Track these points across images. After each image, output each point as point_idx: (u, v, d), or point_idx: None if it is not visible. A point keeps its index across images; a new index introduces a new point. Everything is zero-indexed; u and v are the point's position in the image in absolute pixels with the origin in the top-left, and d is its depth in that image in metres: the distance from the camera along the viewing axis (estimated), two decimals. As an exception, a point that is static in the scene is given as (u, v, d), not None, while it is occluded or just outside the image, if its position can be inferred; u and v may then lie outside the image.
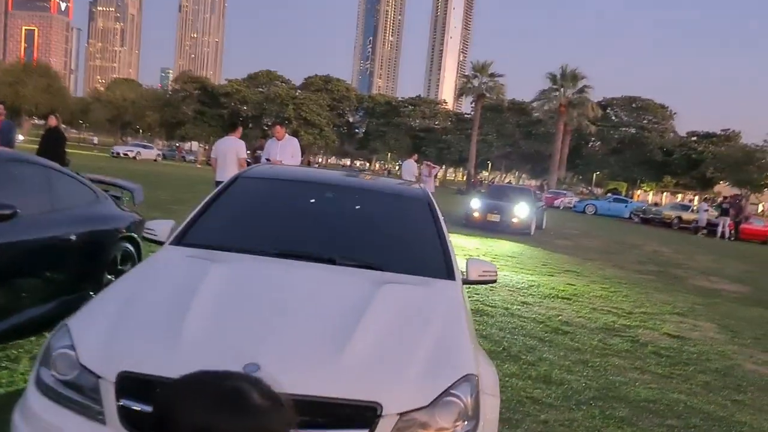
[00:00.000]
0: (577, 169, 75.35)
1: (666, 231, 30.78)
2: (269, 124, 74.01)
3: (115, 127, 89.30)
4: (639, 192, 78.76)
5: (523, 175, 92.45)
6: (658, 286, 11.14)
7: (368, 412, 2.17)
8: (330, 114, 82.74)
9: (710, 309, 9.34)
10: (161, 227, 3.55)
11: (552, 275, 10.59)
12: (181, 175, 25.85)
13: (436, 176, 21.93)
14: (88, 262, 4.89)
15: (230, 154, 8.96)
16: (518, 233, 16.80)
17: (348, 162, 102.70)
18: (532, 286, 9.25)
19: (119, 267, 5.29)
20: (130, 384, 2.15)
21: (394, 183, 5.17)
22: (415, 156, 23.93)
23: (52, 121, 12.28)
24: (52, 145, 11.60)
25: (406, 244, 3.68)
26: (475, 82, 63.55)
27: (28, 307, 4.33)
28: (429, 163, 23.44)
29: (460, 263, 3.63)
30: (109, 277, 5.12)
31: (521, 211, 17.09)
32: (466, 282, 3.61)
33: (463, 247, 12.79)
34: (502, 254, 12.57)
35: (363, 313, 2.62)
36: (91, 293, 4.57)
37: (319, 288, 2.97)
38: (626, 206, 39.73)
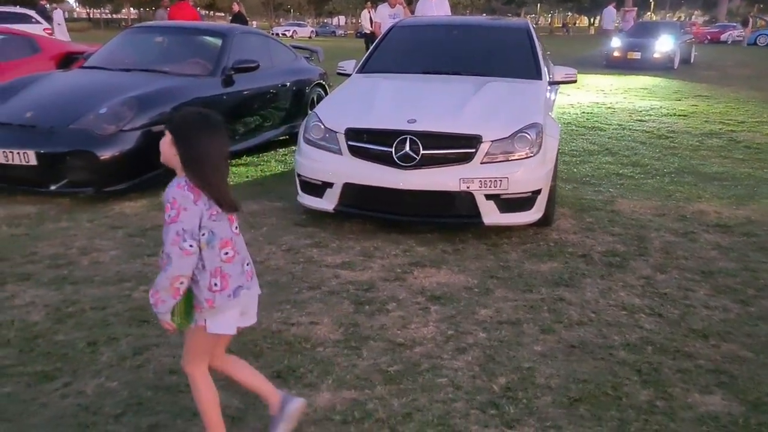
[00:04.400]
0: (758, -3, 66.41)
1: None
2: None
3: (267, 9, 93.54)
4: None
5: (696, 12, 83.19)
6: (791, 102, 11.47)
7: (474, 140, 4.08)
8: (474, -32, 79.37)
9: (834, 117, 9.80)
10: (348, 64, 5.62)
11: (679, 100, 11.42)
12: (338, 47, 28.09)
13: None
14: (298, 101, 7.17)
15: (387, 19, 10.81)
16: (660, 68, 17.03)
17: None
18: (654, 108, 10.33)
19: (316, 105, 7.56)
20: (352, 133, 4.25)
21: (501, 19, 6.86)
22: (614, 3, 24.54)
23: (235, 7, 14.87)
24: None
25: (509, 59, 5.37)
26: None
27: (269, 130, 6.75)
28: (627, 9, 24.61)
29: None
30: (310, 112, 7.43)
31: (662, 45, 17.18)
32: (552, 82, 5.29)
33: (597, 85, 13.75)
34: (635, 87, 13.36)
35: (474, 94, 4.51)
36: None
37: (448, 87, 4.88)
38: (807, 33, 35.71)
